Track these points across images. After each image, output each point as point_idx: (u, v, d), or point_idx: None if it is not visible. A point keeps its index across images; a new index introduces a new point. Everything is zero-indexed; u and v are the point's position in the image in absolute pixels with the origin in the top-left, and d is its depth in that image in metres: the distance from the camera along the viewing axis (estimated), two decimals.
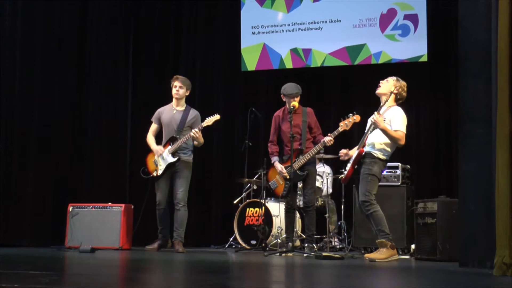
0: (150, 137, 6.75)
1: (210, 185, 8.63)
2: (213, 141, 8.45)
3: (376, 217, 5.36)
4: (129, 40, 8.83)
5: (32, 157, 7.40)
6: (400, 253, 6.20)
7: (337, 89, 8.57)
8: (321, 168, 7.53)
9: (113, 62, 8.58)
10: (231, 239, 7.46)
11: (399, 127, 5.41)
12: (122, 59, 8.70)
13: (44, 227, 7.31)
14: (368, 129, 5.52)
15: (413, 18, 8.03)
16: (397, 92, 5.54)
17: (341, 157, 5.72)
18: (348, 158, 5.63)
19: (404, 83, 5.63)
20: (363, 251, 6.48)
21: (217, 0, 8.99)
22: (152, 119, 6.80)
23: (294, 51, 8.53)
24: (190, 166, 6.65)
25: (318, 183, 7.15)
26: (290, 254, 5.88)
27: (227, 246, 7.51)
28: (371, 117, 5.50)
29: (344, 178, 5.67)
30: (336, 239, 7.25)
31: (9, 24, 7.31)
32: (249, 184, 7.63)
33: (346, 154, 5.66)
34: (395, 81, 5.59)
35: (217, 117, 6.54)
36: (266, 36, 8.68)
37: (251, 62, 8.73)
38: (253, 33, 8.74)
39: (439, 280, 3.68)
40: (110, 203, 6.88)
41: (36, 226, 7.24)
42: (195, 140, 6.50)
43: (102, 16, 8.48)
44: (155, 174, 6.59)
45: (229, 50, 8.88)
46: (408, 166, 6.77)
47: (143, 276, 3.69)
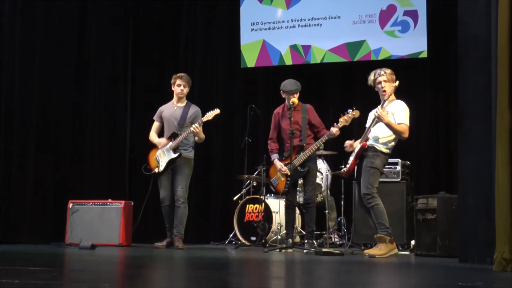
0: (153, 134, 6.75)
1: (210, 181, 8.63)
2: (213, 137, 8.43)
3: (377, 210, 5.37)
4: (129, 40, 8.80)
5: (32, 157, 7.40)
6: (400, 249, 6.21)
7: (337, 85, 8.55)
8: (320, 165, 7.52)
9: (113, 61, 8.56)
10: (231, 235, 7.47)
11: (402, 120, 5.43)
12: (121, 59, 8.68)
13: (44, 224, 7.32)
14: (370, 123, 5.52)
15: (413, 14, 8.02)
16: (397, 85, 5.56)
17: (345, 148, 5.73)
18: (352, 150, 5.65)
19: (391, 71, 5.64)
20: (363, 247, 6.49)
21: None
22: (154, 118, 6.80)
23: (294, 48, 8.52)
24: (191, 162, 6.65)
25: (318, 179, 7.15)
26: (290, 250, 5.89)
27: (227, 242, 7.52)
28: (373, 111, 5.51)
29: (346, 171, 5.70)
30: (335, 235, 7.25)
31: (9, 24, 7.32)
32: (248, 181, 7.64)
33: (351, 146, 5.67)
34: (390, 75, 5.59)
35: (217, 111, 6.54)
36: (266, 33, 8.67)
37: (250, 58, 8.72)
38: (253, 29, 8.73)
39: (439, 276, 3.69)
40: (110, 200, 6.90)
41: (36, 224, 7.25)
42: (196, 135, 6.50)
43: (102, 16, 8.46)
44: (157, 170, 6.59)
45: (228, 46, 8.87)
46: (408, 162, 6.77)
47: (143, 273, 3.69)
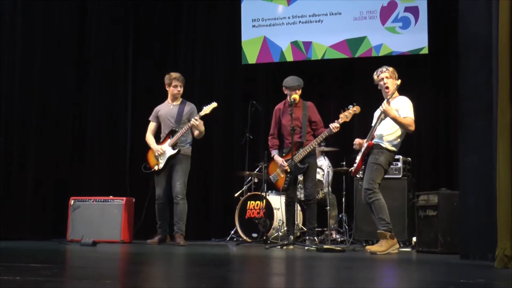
0: (150, 136, 6.75)
1: (211, 178, 8.63)
2: (214, 134, 8.43)
3: (378, 205, 5.40)
4: (129, 40, 8.79)
5: (32, 157, 7.40)
6: (401, 245, 6.21)
7: (338, 81, 8.55)
8: (322, 161, 7.52)
9: (113, 61, 8.55)
10: (232, 232, 7.47)
11: (407, 113, 5.49)
12: (121, 58, 8.66)
13: (44, 222, 7.32)
14: (376, 121, 5.56)
15: (414, 11, 8.01)
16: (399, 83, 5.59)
17: (354, 146, 5.76)
18: (360, 149, 5.68)
19: (393, 69, 5.68)
20: (364, 244, 6.48)
21: None
22: (150, 118, 6.82)
23: (295, 44, 8.51)
24: (189, 159, 6.65)
25: (319, 176, 7.15)
26: (291, 247, 5.90)
27: (228, 239, 7.53)
28: (380, 108, 5.53)
29: (354, 170, 5.75)
30: (336, 233, 7.25)
31: (9, 24, 7.31)
32: (250, 177, 7.64)
33: (360, 144, 5.70)
34: (392, 72, 5.62)
35: (214, 104, 6.55)
36: (267, 29, 8.66)
37: (251, 55, 8.71)
38: (254, 26, 8.72)
39: (440, 273, 3.68)
40: (111, 197, 6.89)
41: (37, 221, 7.25)
42: (196, 129, 6.50)
43: (102, 16, 8.45)
44: (157, 168, 6.60)
45: (229, 43, 8.86)
46: (409, 158, 6.76)
47: (145, 269, 3.70)
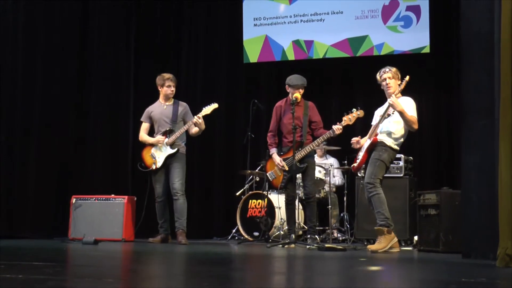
0: (144, 135, 6.73)
1: (212, 177, 8.63)
2: (216, 133, 8.44)
3: (378, 199, 5.42)
4: (130, 39, 8.79)
5: (34, 156, 7.41)
6: (403, 244, 6.21)
7: (339, 80, 8.55)
8: (325, 160, 7.52)
9: (115, 61, 8.54)
10: (234, 230, 7.47)
11: (411, 113, 5.54)
12: (123, 57, 8.65)
13: (46, 220, 7.34)
14: (379, 119, 5.57)
15: (415, 9, 8.00)
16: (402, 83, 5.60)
17: (352, 145, 5.77)
18: (359, 147, 5.68)
19: (396, 69, 5.70)
20: (365, 243, 6.48)
21: None
22: (142, 119, 6.78)
23: (296, 43, 8.51)
24: (184, 157, 6.65)
25: (321, 174, 7.15)
26: (293, 245, 5.89)
27: (229, 238, 7.53)
28: (380, 108, 5.55)
29: (356, 167, 5.76)
30: (337, 232, 7.25)
31: (11, 24, 7.32)
32: (251, 176, 7.63)
33: (358, 142, 5.72)
34: (395, 72, 5.64)
35: (215, 105, 6.55)
36: (268, 28, 8.66)
37: (253, 54, 8.71)
38: (255, 25, 8.71)
39: (442, 272, 3.68)
40: (113, 195, 6.90)
41: (39, 219, 7.26)
42: (198, 127, 6.50)
43: (104, 16, 8.45)
44: (154, 167, 6.58)
45: (231, 42, 8.86)
46: (411, 157, 6.76)
47: (146, 268, 3.70)
